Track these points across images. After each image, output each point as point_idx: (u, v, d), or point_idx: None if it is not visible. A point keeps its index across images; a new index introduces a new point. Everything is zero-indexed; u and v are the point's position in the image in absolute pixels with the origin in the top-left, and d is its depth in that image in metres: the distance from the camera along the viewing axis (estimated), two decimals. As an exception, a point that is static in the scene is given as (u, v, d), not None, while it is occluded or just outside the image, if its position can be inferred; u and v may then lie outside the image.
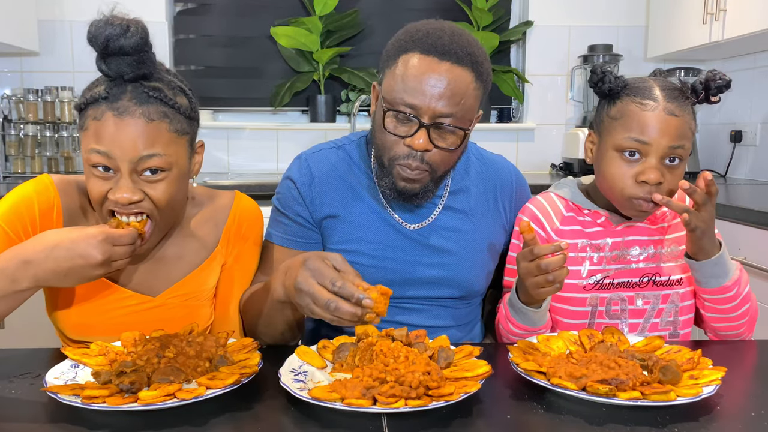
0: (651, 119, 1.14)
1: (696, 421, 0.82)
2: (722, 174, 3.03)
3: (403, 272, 1.23)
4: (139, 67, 0.98)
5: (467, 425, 0.81)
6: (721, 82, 1.15)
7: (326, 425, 0.80)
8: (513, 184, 1.34)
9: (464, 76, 1.09)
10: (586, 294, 1.24)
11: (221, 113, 3.23)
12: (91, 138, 0.99)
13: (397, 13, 3.19)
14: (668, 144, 1.13)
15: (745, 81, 2.94)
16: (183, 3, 3.13)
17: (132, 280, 1.14)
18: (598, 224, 1.25)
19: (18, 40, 2.67)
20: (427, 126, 1.09)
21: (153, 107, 0.99)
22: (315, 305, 0.91)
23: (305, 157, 1.27)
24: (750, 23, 2.40)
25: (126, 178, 0.99)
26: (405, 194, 1.17)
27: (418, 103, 1.08)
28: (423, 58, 1.09)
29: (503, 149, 3.20)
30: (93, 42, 0.97)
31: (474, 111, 1.13)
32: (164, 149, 1.00)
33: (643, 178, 1.14)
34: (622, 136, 1.16)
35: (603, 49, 3.05)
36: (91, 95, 1.00)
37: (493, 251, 1.32)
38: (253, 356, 0.96)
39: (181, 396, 0.81)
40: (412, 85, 1.08)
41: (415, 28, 1.15)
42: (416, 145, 1.10)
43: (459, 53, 1.08)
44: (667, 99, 1.15)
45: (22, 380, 0.94)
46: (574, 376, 0.88)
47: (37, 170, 2.83)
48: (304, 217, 1.23)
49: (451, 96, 1.08)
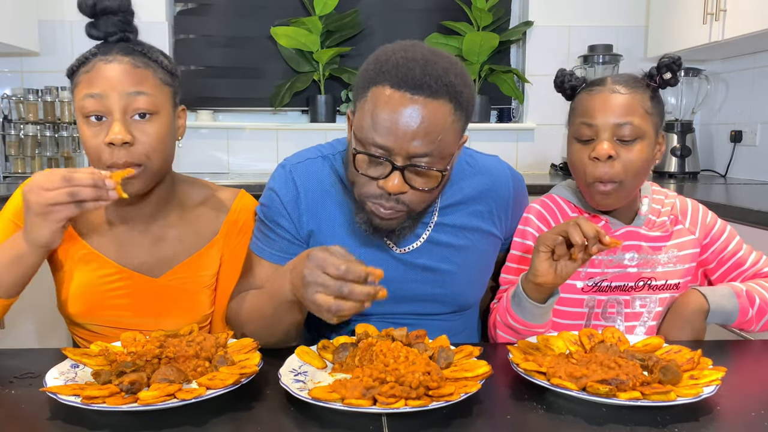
0: (596, 101, 1.19)
1: (696, 421, 0.82)
2: (722, 174, 3.03)
3: (393, 290, 1.15)
4: (124, 27, 1.09)
5: (467, 425, 0.81)
6: (666, 60, 1.18)
7: (326, 425, 0.80)
8: (510, 191, 1.26)
9: (440, 109, 0.99)
10: (583, 296, 1.24)
11: (221, 113, 3.23)
12: (84, 87, 1.07)
13: (397, 13, 3.19)
14: (613, 121, 1.16)
15: (745, 81, 2.94)
16: (183, 3, 3.13)
17: (133, 260, 1.17)
18: None
19: (18, 40, 2.67)
20: (400, 168, 1.01)
21: (138, 58, 1.09)
22: (325, 294, 0.90)
23: (289, 167, 1.19)
24: (750, 23, 2.40)
25: (118, 119, 1.05)
26: (382, 231, 1.11)
27: (389, 144, 1.00)
28: (393, 93, 0.99)
29: (503, 149, 3.23)
30: (82, 7, 1.08)
31: (454, 145, 1.05)
32: (152, 90, 1.08)
33: (594, 154, 1.17)
34: (575, 123, 1.21)
35: (603, 49, 3.05)
36: (82, 56, 1.09)
37: (489, 263, 1.28)
38: (253, 356, 0.96)
39: (181, 396, 0.81)
40: (382, 124, 0.99)
41: (385, 56, 1.04)
42: (389, 188, 1.02)
43: (433, 85, 0.99)
44: (614, 81, 1.19)
45: (22, 380, 0.94)
46: (574, 376, 0.88)
47: (37, 170, 2.83)
48: (290, 232, 1.18)
49: (426, 134, 0.99)
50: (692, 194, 2.29)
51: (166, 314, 1.18)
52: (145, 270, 1.17)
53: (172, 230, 1.20)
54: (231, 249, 1.23)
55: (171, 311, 1.18)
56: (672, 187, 2.55)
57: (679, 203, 1.30)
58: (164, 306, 1.17)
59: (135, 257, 1.18)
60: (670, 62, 1.18)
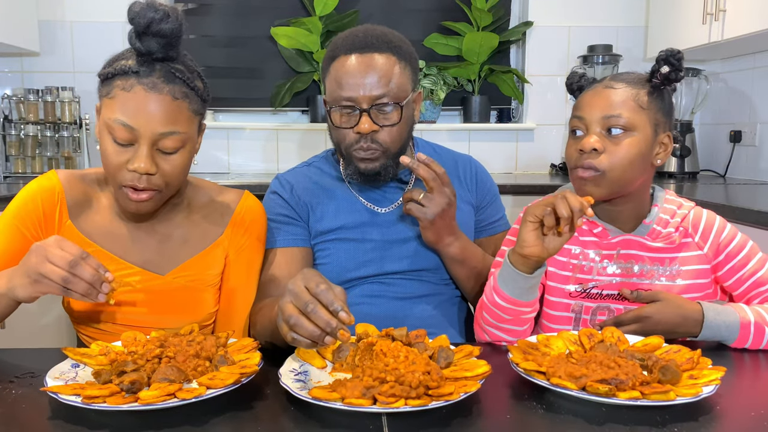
0: (588, 96, 1.20)
1: (696, 421, 0.82)
2: (722, 174, 3.03)
3: (381, 248, 1.34)
4: (169, 50, 1.07)
5: (467, 425, 0.81)
6: (664, 53, 1.16)
7: (326, 425, 0.81)
8: (474, 165, 1.47)
9: (385, 59, 1.26)
10: (570, 300, 1.23)
11: (221, 113, 3.23)
12: (117, 108, 1.05)
13: (397, 13, 3.19)
14: (601, 114, 1.16)
15: (745, 81, 2.94)
16: (183, 3, 3.13)
17: (140, 258, 1.19)
18: (593, 234, 1.24)
19: (19, 41, 2.67)
20: (366, 110, 1.25)
21: (178, 87, 1.07)
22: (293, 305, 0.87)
23: (281, 176, 1.42)
24: (749, 23, 2.40)
25: (145, 151, 1.05)
26: (368, 175, 1.30)
27: (353, 94, 1.24)
28: (347, 57, 1.26)
29: (503, 149, 3.23)
30: (134, 21, 1.04)
31: (407, 88, 1.29)
32: (183, 127, 1.08)
33: (580, 146, 1.17)
34: (571, 118, 1.22)
35: (602, 50, 3.05)
36: (121, 67, 1.06)
37: (464, 226, 1.37)
38: (253, 356, 0.96)
39: (181, 396, 0.82)
40: (344, 81, 1.24)
41: (337, 37, 1.31)
42: (362, 129, 1.25)
43: (375, 42, 1.26)
44: (612, 78, 1.19)
45: (23, 380, 0.94)
46: (574, 375, 0.89)
47: (37, 170, 2.83)
48: (293, 217, 1.36)
49: (379, 79, 1.24)
50: (692, 194, 2.30)
51: (171, 312, 1.19)
52: (151, 267, 1.18)
53: (178, 230, 1.21)
54: (236, 249, 1.24)
55: (176, 309, 1.19)
56: (672, 187, 2.55)
57: (692, 215, 1.24)
58: (170, 303, 1.18)
59: (141, 255, 1.19)
60: (668, 55, 1.16)
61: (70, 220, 1.16)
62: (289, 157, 3.11)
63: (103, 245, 1.17)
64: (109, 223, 1.19)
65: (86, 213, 1.18)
